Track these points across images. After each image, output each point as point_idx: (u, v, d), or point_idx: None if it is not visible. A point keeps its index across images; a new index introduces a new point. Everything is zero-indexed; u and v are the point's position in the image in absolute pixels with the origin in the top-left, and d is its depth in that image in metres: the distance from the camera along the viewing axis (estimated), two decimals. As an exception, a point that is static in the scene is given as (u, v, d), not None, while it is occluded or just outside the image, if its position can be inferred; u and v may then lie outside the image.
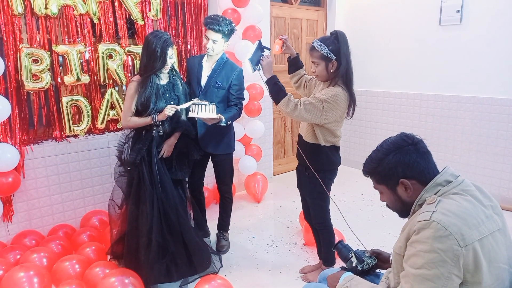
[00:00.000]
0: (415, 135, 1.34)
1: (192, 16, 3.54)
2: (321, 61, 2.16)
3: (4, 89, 2.66)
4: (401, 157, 1.29)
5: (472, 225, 1.12)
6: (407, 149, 1.29)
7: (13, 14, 2.65)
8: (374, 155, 1.37)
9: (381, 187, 1.38)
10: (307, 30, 4.76)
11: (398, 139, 1.34)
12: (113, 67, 3.10)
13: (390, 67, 4.51)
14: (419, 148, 1.30)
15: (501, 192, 3.72)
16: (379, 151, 1.36)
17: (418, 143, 1.31)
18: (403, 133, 1.37)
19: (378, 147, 1.38)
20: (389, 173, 1.31)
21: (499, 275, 1.14)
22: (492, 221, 1.18)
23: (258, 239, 3.19)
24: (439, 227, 1.11)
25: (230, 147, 2.84)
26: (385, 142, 1.36)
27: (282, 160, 4.87)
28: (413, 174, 1.28)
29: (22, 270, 2.21)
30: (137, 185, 2.38)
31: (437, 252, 1.10)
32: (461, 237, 1.09)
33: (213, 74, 2.65)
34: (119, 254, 2.54)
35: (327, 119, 2.15)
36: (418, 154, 1.29)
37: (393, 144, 1.33)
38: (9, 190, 2.63)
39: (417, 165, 1.28)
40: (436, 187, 1.26)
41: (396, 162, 1.29)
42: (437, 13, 3.97)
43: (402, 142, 1.31)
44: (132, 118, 2.39)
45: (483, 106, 3.76)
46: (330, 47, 2.12)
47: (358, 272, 1.56)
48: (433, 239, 1.11)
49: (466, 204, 1.18)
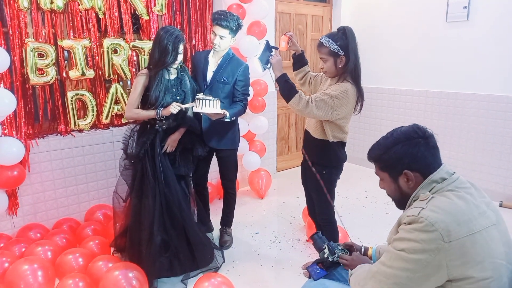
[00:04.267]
0: (428, 128, 1.33)
1: (197, 11, 3.53)
2: (330, 57, 2.15)
3: (10, 83, 2.67)
4: (409, 149, 1.28)
5: (462, 222, 1.14)
6: (417, 141, 1.28)
7: (19, 9, 2.66)
8: (382, 142, 1.36)
9: (383, 174, 1.38)
10: (312, 26, 4.74)
11: (410, 130, 1.32)
12: (118, 62, 3.10)
13: (395, 64, 4.48)
14: (429, 142, 1.29)
15: (507, 190, 3.70)
16: (388, 139, 1.34)
17: (429, 137, 1.30)
18: (415, 124, 1.35)
19: (388, 135, 1.37)
20: (395, 162, 1.31)
21: (496, 270, 1.14)
22: (485, 217, 1.19)
23: (261, 235, 3.19)
24: (426, 223, 1.14)
25: (234, 143, 2.84)
26: (396, 131, 1.35)
27: (286, 156, 4.87)
28: (418, 167, 1.28)
29: (26, 263, 2.23)
30: (140, 179, 2.40)
31: (420, 242, 1.14)
32: (447, 233, 1.11)
33: (219, 70, 2.65)
34: (122, 247, 2.56)
35: (338, 115, 2.15)
36: (427, 148, 1.28)
37: (404, 134, 1.32)
38: (14, 184, 2.65)
39: (424, 159, 1.28)
40: (432, 183, 1.27)
41: (404, 153, 1.29)
42: (443, 9, 3.93)
43: (413, 134, 1.30)
44: (136, 109, 2.41)
45: (489, 104, 3.73)
46: (338, 43, 2.11)
47: (329, 263, 1.61)
48: (419, 231, 1.15)
49: (458, 200, 1.19)
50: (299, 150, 4.93)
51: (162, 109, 2.34)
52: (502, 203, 3.65)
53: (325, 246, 1.66)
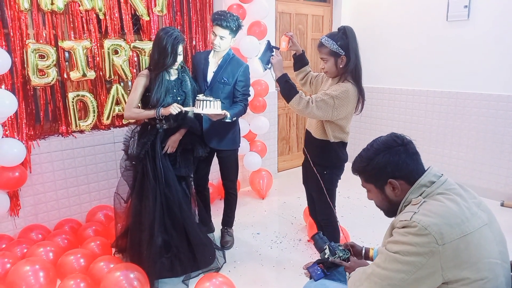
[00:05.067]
0: (405, 135, 1.35)
1: (197, 11, 3.53)
2: (330, 57, 2.15)
3: (11, 84, 2.68)
4: (390, 157, 1.31)
5: (454, 224, 1.14)
6: (397, 149, 1.31)
7: (20, 10, 2.66)
8: (364, 154, 1.39)
9: (369, 185, 1.40)
10: (313, 26, 4.74)
11: (388, 139, 1.35)
12: (119, 62, 3.11)
13: (396, 63, 4.48)
14: (409, 149, 1.32)
15: (508, 190, 3.69)
16: (369, 150, 1.37)
17: (407, 144, 1.33)
18: (393, 133, 1.38)
19: (368, 146, 1.40)
20: (378, 172, 1.33)
21: (491, 270, 1.15)
22: (477, 217, 1.20)
23: (262, 235, 3.19)
24: (419, 227, 1.15)
25: (235, 143, 2.85)
26: (376, 142, 1.38)
27: (287, 157, 4.86)
28: (402, 174, 1.30)
29: (28, 264, 2.23)
30: (141, 180, 2.40)
31: (414, 245, 1.15)
32: (440, 236, 1.12)
33: (219, 70, 2.65)
34: (123, 248, 2.56)
35: (338, 115, 2.15)
36: (407, 155, 1.30)
37: (384, 144, 1.34)
38: (16, 185, 2.65)
39: (406, 166, 1.30)
40: (421, 188, 1.28)
41: (386, 162, 1.31)
42: (444, 8, 3.93)
43: (392, 143, 1.33)
44: (135, 109, 2.41)
45: (490, 103, 3.73)
46: (338, 43, 2.11)
47: (330, 263, 1.61)
48: (413, 235, 1.16)
49: (450, 203, 1.20)
50: (300, 150, 4.93)
51: (162, 108, 2.34)
52: (504, 203, 3.65)
53: (326, 247, 1.67)
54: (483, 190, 3.74)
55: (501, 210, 3.60)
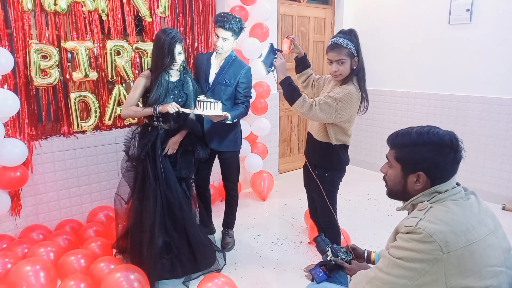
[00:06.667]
0: (462, 142, 1.25)
1: (199, 13, 3.54)
2: (348, 58, 2.11)
3: (13, 84, 2.68)
4: (436, 155, 1.22)
5: (460, 232, 1.13)
6: (447, 151, 1.22)
7: (23, 10, 2.67)
8: (414, 135, 1.27)
9: (396, 164, 1.31)
10: (315, 28, 4.74)
11: (446, 137, 1.23)
12: (121, 63, 3.11)
13: (398, 66, 4.48)
14: (457, 157, 1.24)
15: (509, 193, 3.69)
16: (422, 135, 1.25)
17: (459, 151, 1.24)
18: (453, 133, 1.26)
19: (422, 129, 1.27)
20: (415, 161, 1.25)
21: (495, 278, 1.14)
22: (483, 225, 1.18)
23: (263, 237, 3.19)
24: (424, 234, 1.13)
25: (236, 145, 2.85)
26: (432, 131, 1.25)
27: (288, 159, 4.86)
28: (434, 175, 1.24)
29: (28, 264, 2.23)
30: (142, 181, 2.40)
31: (418, 252, 1.14)
32: (445, 243, 1.10)
33: (221, 72, 2.65)
34: (124, 249, 2.56)
35: (342, 118, 2.14)
36: (451, 162, 1.23)
37: (439, 138, 1.23)
38: (17, 185, 2.65)
39: (443, 170, 1.24)
40: (434, 193, 1.25)
41: (429, 157, 1.23)
42: (446, 11, 3.93)
43: (447, 142, 1.22)
44: (133, 107, 2.41)
45: (491, 106, 3.72)
46: (353, 44, 2.10)
47: (332, 265, 1.60)
48: (417, 242, 1.14)
49: (457, 210, 1.18)
50: (301, 152, 4.93)
51: (159, 105, 2.33)
52: (505, 206, 3.64)
53: (328, 249, 1.66)
54: (484, 194, 3.73)
55: (503, 213, 3.59)
